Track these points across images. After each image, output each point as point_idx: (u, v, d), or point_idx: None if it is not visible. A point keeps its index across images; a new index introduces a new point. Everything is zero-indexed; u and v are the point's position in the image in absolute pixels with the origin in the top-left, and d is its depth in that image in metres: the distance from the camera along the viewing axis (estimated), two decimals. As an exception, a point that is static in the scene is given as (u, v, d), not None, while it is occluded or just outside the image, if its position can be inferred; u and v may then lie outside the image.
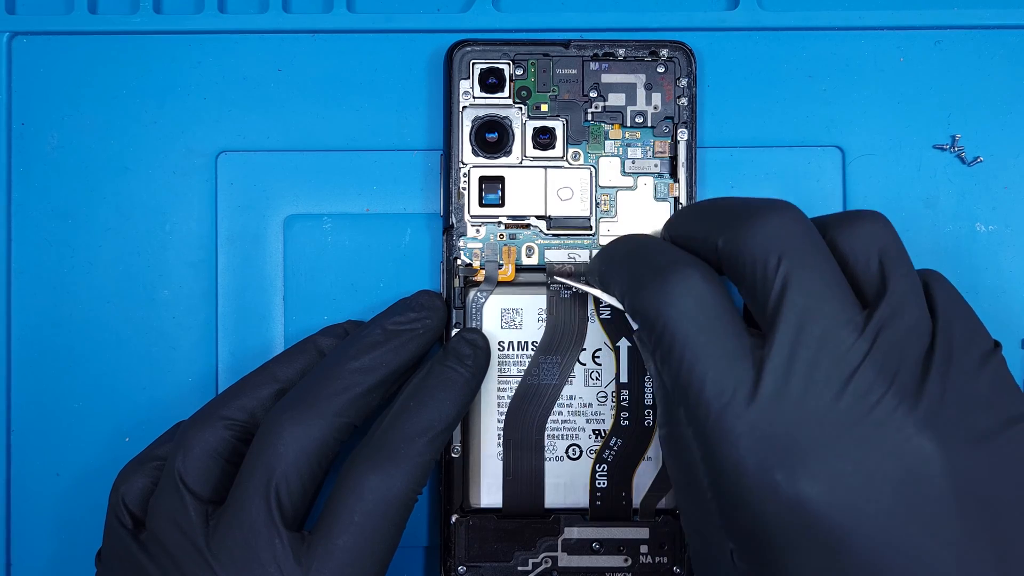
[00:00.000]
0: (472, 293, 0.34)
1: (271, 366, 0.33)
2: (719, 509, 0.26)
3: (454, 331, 0.34)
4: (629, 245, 0.29)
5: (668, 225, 0.29)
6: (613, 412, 0.35)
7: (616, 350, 0.35)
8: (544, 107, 0.34)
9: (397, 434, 0.30)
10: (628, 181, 0.35)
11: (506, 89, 0.34)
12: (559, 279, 0.33)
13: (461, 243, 0.34)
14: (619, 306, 0.30)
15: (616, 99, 0.35)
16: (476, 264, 0.34)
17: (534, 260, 0.35)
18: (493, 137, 0.34)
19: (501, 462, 0.34)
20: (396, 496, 0.30)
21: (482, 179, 0.34)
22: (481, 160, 0.34)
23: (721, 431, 0.25)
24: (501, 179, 0.35)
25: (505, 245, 0.35)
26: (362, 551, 0.29)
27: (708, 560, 0.28)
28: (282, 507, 0.29)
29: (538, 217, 0.35)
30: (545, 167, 0.35)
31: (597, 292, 0.31)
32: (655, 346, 0.27)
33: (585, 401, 0.35)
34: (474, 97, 0.34)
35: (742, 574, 0.26)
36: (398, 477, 0.30)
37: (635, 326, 0.29)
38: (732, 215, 0.27)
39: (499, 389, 0.34)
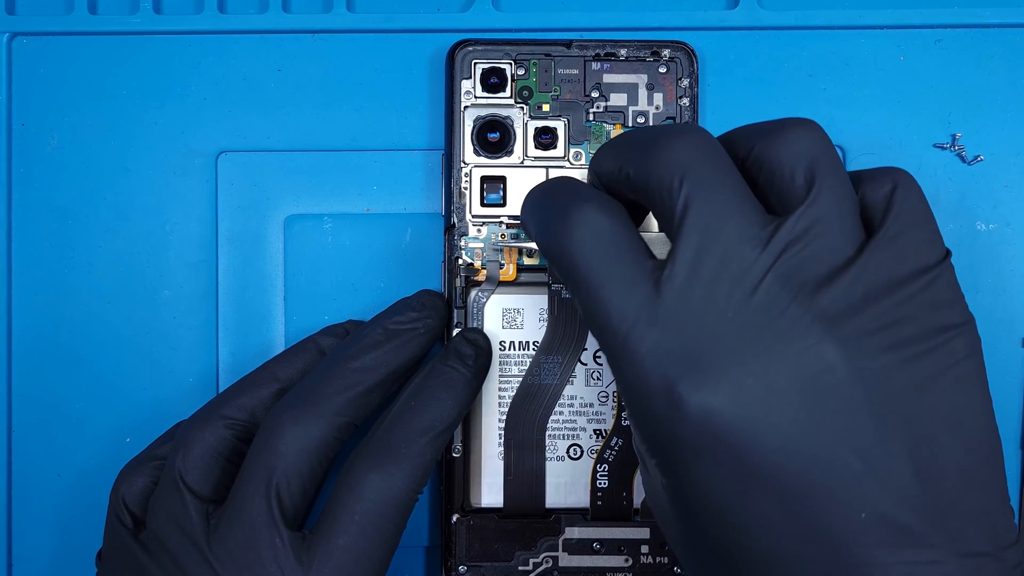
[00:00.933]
0: (473, 293, 0.35)
1: (271, 366, 0.33)
2: (636, 428, 0.26)
3: (455, 331, 0.34)
4: (541, 190, 0.29)
5: (591, 165, 0.29)
6: (614, 412, 0.35)
7: None
8: (546, 107, 0.35)
9: (398, 433, 0.30)
10: None
11: (508, 89, 0.35)
12: (500, 242, 0.34)
13: (462, 243, 0.35)
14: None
15: (618, 99, 0.35)
16: (477, 264, 0.35)
17: (535, 260, 0.35)
18: (495, 137, 0.35)
19: (502, 462, 0.34)
20: (396, 496, 0.30)
21: (483, 179, 0.35)
22: (483, 160, 0.35)
23: (626, 352, 0.25)
24: (503, 179, 0.35)
25: (507, 245, 0.35)
26: (362, 550, 0.29)
27: (648, 482, 0.28)
28: (283, 506, 0.29)
29: None
30: (547, 167, 0.35)
31: (532, 245, 0.32)
32: (566, 284, 0.27)
33: (586, 401, 0.35)
34: (476, 97, 0.35)
35: (665, 488, 0.27)
36: (399, 476, 0.30)
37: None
38: (639, 144, 0.27)
39: (500, 389, 0.35)
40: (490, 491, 0.34)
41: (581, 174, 0.35)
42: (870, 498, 0.24)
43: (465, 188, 0.34)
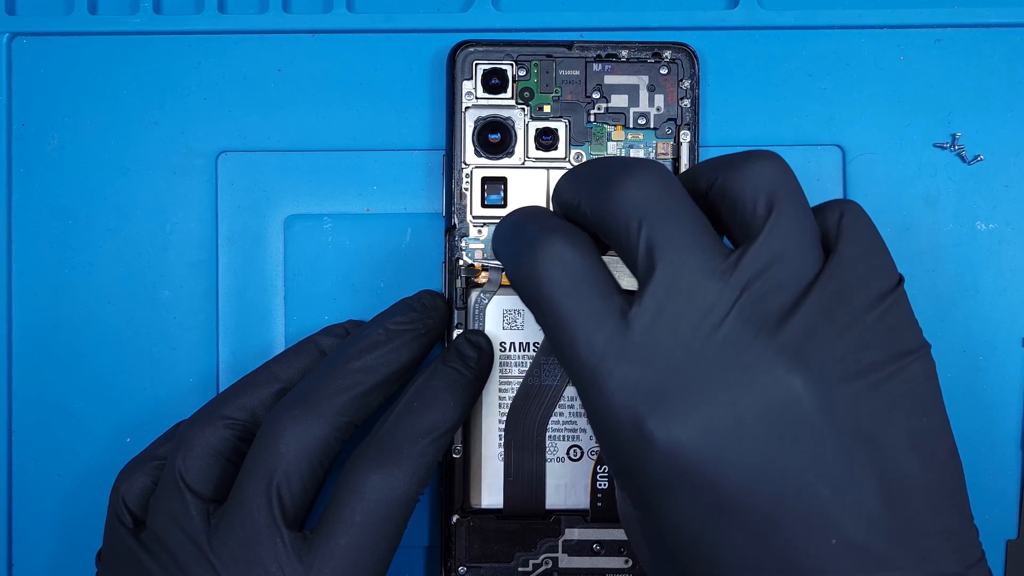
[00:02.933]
0: (474, 294, 0.35)
1: (271, 366, 0.33)
2: (608, 461, 0.27)
3: (456, 332, 0.34)
4: (511, 220, 0.30)
5: (553, 192, 0.30)
6: None
7: None
8: (547, 108, 0.35)
9: (400, 434, 0.31)
10: None
11: (509, 90, 0.35)
12: (484, 272, 0.34)
13: (463, 244, 0.35)
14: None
15: (619, 100, 0.35)
16: (478, 265, 0.35)
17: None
18: (496, 138, 0.35)
19: (502, 463, 0.35)
20: (398, 496, 0.30)
21: (484, 180, 0.35)
22: (483, 161, 0.35)
23: (596, 387, 0.26)
24: (503, 180, 0.35)
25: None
26: (363, 551, 0.30)
27: (623, 505, 0.29)
28: (284, 507, 0.30)
29: None
30: (548, 168, 0.35)
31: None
32: (535, 315, 0.28)
33: None
34: (476, 98, 0.35)
35: (638, 520, 0.27)
36: (401, 477, 0.30)
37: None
38: (595, 180, 0.28)
39: (500, 390, 0.35)
40: (490, 492, 0.35)
41: None
42: (840, 525, 0.24)
43: (466, 189, 0.35)
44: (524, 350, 0.35)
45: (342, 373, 0.31)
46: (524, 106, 0.35)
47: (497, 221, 0.34)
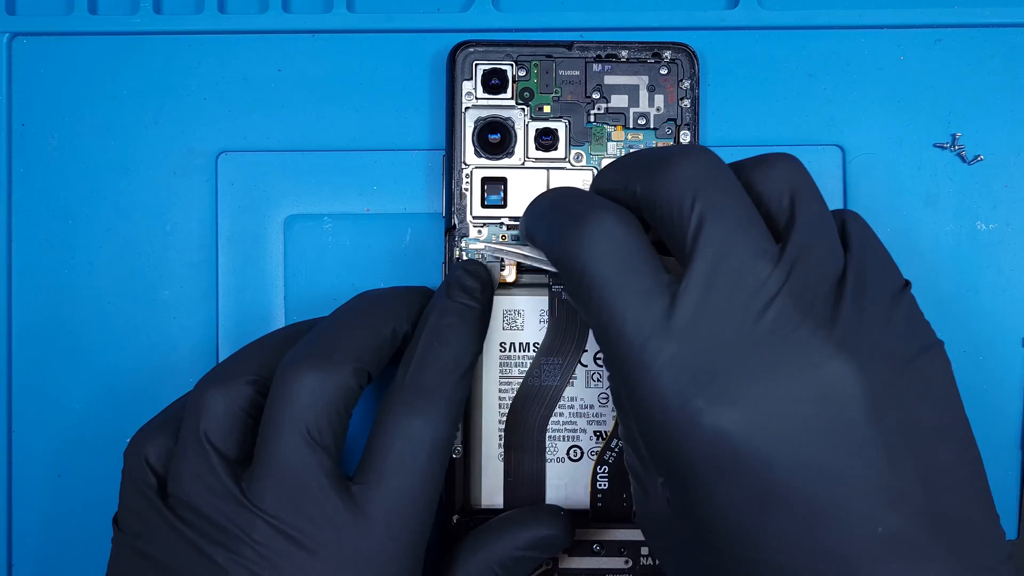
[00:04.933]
0: None
1: (278, 331, 0.33)
2: (645, 444, 0.27)
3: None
4: (550, 197, 0.30)
5: (593, 182, 0.30)
6: (614, 414, 0.35)
7: None
8: (547, 108, 0.35)
9: (430, 375, 0.31)
10: None
11: (509, 90, 0.35)
12: (493, 247, 0.34)
13: (463, 244, 0.35)
14: (547, 266, 0.31)
15: (619, 101, 0.35)
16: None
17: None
18: (495, 138, 0.35)
19: (502, 463, 0.35)
20: (440, 438, 0.30)
21: (484, 180, 0.35)
22: (483, 161, 0.35)
23: (642, 366, 0.26)
24: (503, 180, 0.35)
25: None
26: (415, 494, 0.30)
27: (644, 499, 0.29)
28: (321, 456, 0.29)
29: None
30: (548, 168, 0.35)
31: (527, 252, 0.32)
32: (576, 293, 0.28)
33: (586, 403, 0.35)
34: (476, 98, 0.35)
35: (672, 504, 0.27)
36: (439, 419, 0.30)
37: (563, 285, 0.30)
38: (648, 163, 0.28)
39: (500, 390, 0.35)
40: (490, 492, 0.35)
41: (582, 176, 0.35)
42: (884, 514, 0.25)
43: (466, 189, 0.35)
44: (524, 350, 0.35)
45: (357, 321, 0.31)
46: (524, 106, 0.35)
47: (499, 222, 0.35)
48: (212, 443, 0.30)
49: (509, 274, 0.35)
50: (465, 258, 0.35)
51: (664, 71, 0.35)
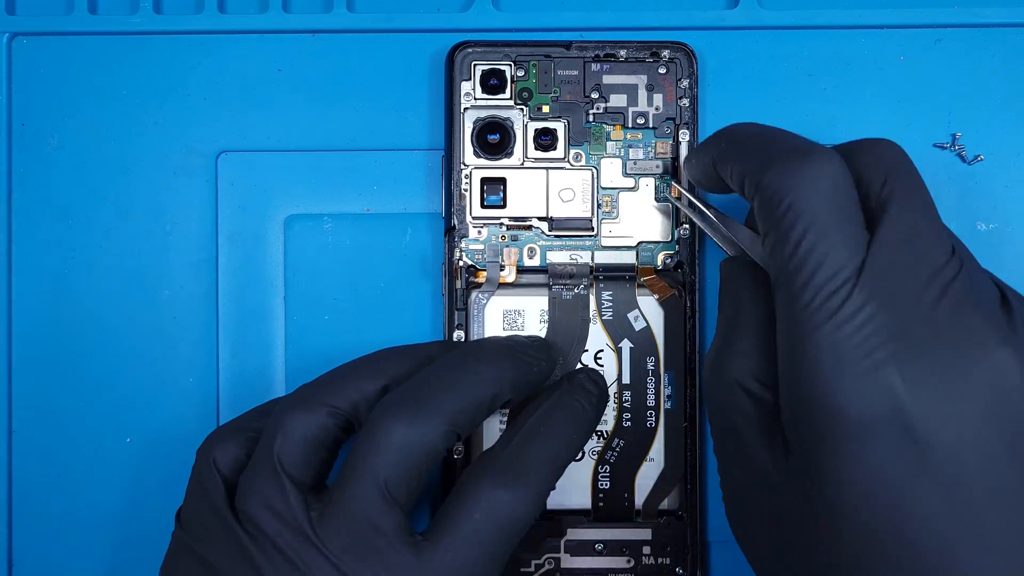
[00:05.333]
0: (474, 295, 0.35)
1: (379, 360, 0.32)
2: (794, 394, 0.27)
3: (457, 333, 0.35)
4: (755, 128, 0.30)
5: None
6: (615, 413, 0.36)
7: (618, 351, 0.36)
8: (545, 108, 0.35)
9: (529, 456, 0.31)
10: (629, 182, 0.36)
11: (507, 90, 0.35)
12: (675, 188, 0.35)
13: (463, 244, 0.35)
14: (703, 211, 0.32)
15: (617, 100, 0.36)
16: (478, 265, 0.36)
17: (536, 261, 0.36)
18: (495, 138, 0.35)
19: None
20: (521, 518, 0.30)
21: (483, 180, 0.35)
22: (482, 161, 0.35)
23: (826, 311, 0.26)
24: (503, 180, 0.36)
25: (507, 246, 0.36)
26: (480, 565, 0.30)
27: (749, 459, 0.29)
28: (394, 508, 0.29)
29: (539, 218, 0.36)
30: (547, 168, 0.36)
31: (702, 207, 0.33)
32: (773, 224, 0.27)
33: None
34: (475, 98, 0.35)
35: (797, 467, 0.27)
36: (526, 500, 0.30)
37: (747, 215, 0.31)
38: (853, 143, 0.29)
39: None
40: None
41: (582, 176, 0.36)
42: None
43: (465, 190, 0.35)
44: (524, 350, 0.34)
45: (459, 380, 0.31)
46: (523, 106, 0.35)
47: (498, 222, 0.35)
48: (285, 468, 0.30)
49: (509, 274, 0.36)
50: (468, 260, 0.35)
51: (663, 70, 0.36)
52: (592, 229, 0.36)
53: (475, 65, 0.35)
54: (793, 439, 0.27)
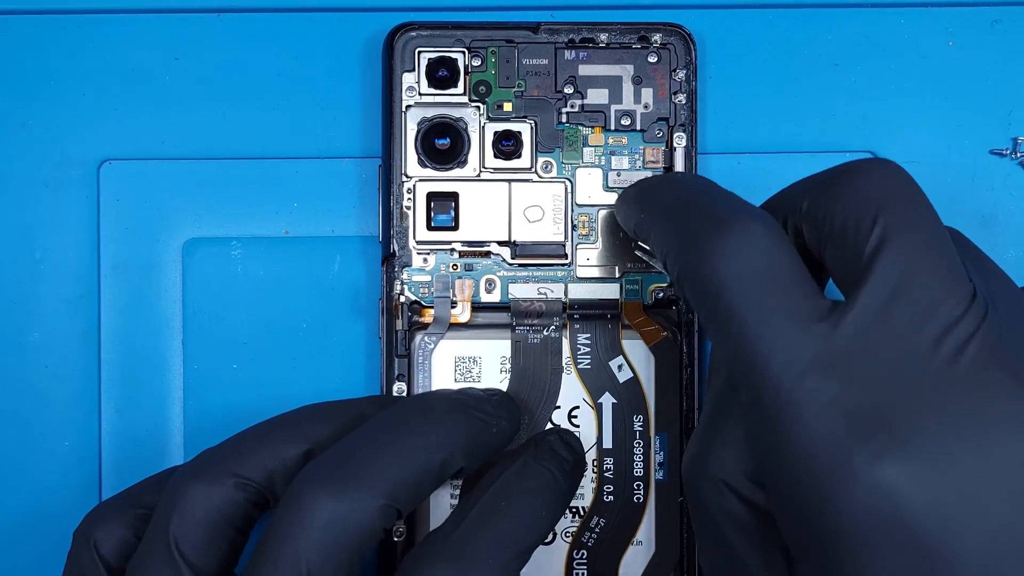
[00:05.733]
0: (419, 337, 0.34)
1: (300, 420, 0.31)
2: (781, 505, 0.26)
3: (398, 384, 0.34)
4: (673, 188, 0.30)
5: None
6: (595, 485, 0.35)
7: (598, 408, 0.34)
8: (507, 106, 0.34)
9: (484, 539, 0.30)
10: (613, 198, 0.34)
11: (460, 84, 0.34)
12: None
13: (405, 275, 0.34)
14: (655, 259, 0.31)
15: (597, 96, 0.35)
16: (423, 302, 0.35)
17: (495, 297, 0.35)
18: (444, 143, 0.34)
19: None
20: None
21: (431, 196, 0.34)
22: (429, 172, 0.34)
23: (791, 409, 0.25)
24: (454, 196, 0.34)
25: (459, 278, 0.35)
26: None
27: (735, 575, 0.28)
28: None
29: (500, 243, 0.35)
30: (509, 181, 0.34)
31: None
32: (709, 316, 0.27)
33: None
34: (420, 94, 0.34)
35: None
36: None
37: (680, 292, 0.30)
38: (822, 178, 0.28)
39: None
40: None
41: (552, 190, 0.35)
42: None
43: (408, 207, 0.34)
44: (481, 407, 0.34)
45: (398, 445, 0.30)
46: (479, 104, 0.34)
47: (449, 248, 0.35)
48: (184, 553, 0.29)
49: (462, 312, 0.35)
50: (411, 294, 0.34)
51: (653, 59, 0.35)
52: (565, 257, 0.35)
53: (420, 52, 0.34)
54: (793, 547, 0.26)
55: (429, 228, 0.34)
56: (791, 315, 0.26)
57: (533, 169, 0.35)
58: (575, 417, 0.35)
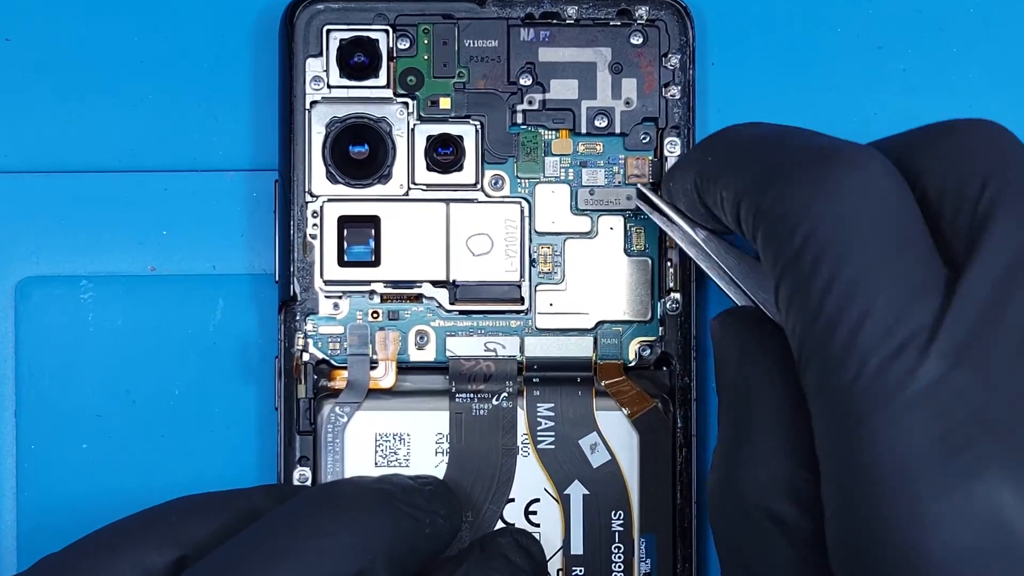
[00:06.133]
0: (328, 408, 0.32)
1: (171, 517, 0.30)
2: (844, 526, 0.25)
3: (300, 474, 0.32)
4: (759, 130, 0.29)
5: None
6: None
7: (564, 500, 0.32)
8: (445, 102, 0.32)
9: None
10: (583, 223, 0.33)
11: (382, 73, 0.32)
12: (642, 190, 0.32)
13: (309, 325, 0.32)
14: (689, 233, 0.30)
15: (563, 89, 0.33)
16: (334, 360, 0.32)
17: (428, 354, 0.32)
18: (361, 152, 0.32)
19: None
20: None
21: (344, 221, 0.32)
22: (342, 189, 0.32)
23: (884, 392, 0.24)
24: (374, 221, 0.32)
25: (381, 329, 0.32)
26: None
27: None
28: None
29: (435, 284, 0.33)
30: (447, 201, 0.32)
31: (669, 215, 0.31)
32: (786, 267, 0.26)
33: None
34: (330, 86, 0.32)
35: None
36: None
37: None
38: (908, 134, 0.27)
39: None
40: None
41: (504, 213, 0.32)
42: None
43: (313, 236, 0.32)
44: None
45: (301, 546, 0.28)
46: (408, 99, 0.32)
47: (368, 290, 0.32)
48: None
49: (385, 375, 0.32)
50: (317, 350, 0.32)
51: (638, 40, 0.32)
52: (521, 301, 0.32)
53: (329, 32, 0.32)
54: None
55: (341, 264, 0.32)
56: (900, 271, 0.25)
57: (479, 186, 0.32)
58: (534, 513, 0.33)
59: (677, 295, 0.33)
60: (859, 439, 0.24)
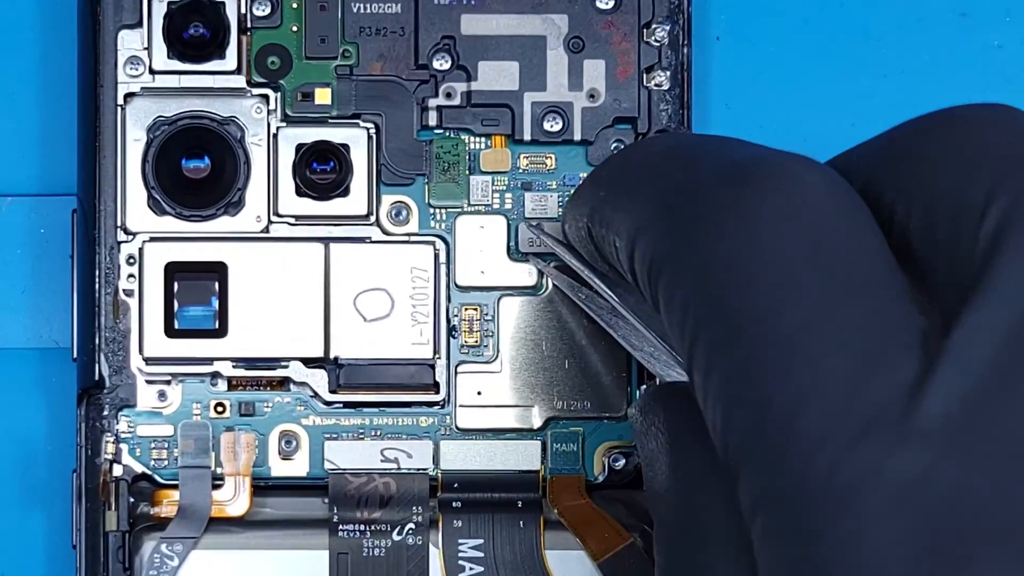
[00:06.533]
0: (150, 546, 0.28)
1: None
2: None
3: None
4: (672, 142, 0.26)
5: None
6: None
7: None
8: (323, 95, 0.28)
9: None
10: (525, 274, 0.28)
11: (230, 52, 0.28)
12: (536, 230, 0.29)
13: (123, 425, 0.28)
14: (606, 292, 0.27)
15: (498, 76, 0.28)
16: (159, 476, 0.28)
17: (299, 467, 0.28)
18: (200, 168, 0.28)
19: None
20: None
21: (174, 270, 0.28)
22: (172, 224, 0.28)
23: (835, 510, 0.19)
24: (219, 270, 0.28)
25: (229, 429, 0.28)
26: None
27: None
28: None
29: (309, 362, 0.28)
30: (326, 240, 0.28)
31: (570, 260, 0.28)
32: (696, 334, 0.22)
33: None
34: (152, 71, 0.28)
35: None
36: None
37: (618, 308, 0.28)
38: (894, 133, 0.23)
39: None
40: None
41: (414, 257, 0.28)
42: None
43: (129, 292, 0.28)
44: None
45: None
46: (268, 90, 0.28)
47: (208, 371, 0.28)
48: None
49: (234, 499, 0.28)
50: (133, 460, 0.29)
51: (606, 4, 0.28)
52: (436, 388, 0.28)
53: None
54: None
55: (171, 333, 0.28)
56: (863, 333, 0.21)
57: (373, 219, 0.28)
58: None
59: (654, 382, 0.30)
60: (813, 567, 0.19)
